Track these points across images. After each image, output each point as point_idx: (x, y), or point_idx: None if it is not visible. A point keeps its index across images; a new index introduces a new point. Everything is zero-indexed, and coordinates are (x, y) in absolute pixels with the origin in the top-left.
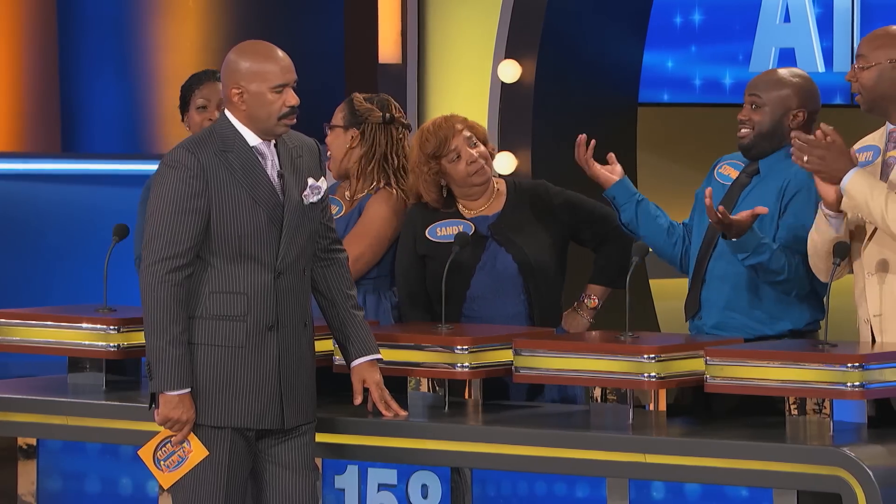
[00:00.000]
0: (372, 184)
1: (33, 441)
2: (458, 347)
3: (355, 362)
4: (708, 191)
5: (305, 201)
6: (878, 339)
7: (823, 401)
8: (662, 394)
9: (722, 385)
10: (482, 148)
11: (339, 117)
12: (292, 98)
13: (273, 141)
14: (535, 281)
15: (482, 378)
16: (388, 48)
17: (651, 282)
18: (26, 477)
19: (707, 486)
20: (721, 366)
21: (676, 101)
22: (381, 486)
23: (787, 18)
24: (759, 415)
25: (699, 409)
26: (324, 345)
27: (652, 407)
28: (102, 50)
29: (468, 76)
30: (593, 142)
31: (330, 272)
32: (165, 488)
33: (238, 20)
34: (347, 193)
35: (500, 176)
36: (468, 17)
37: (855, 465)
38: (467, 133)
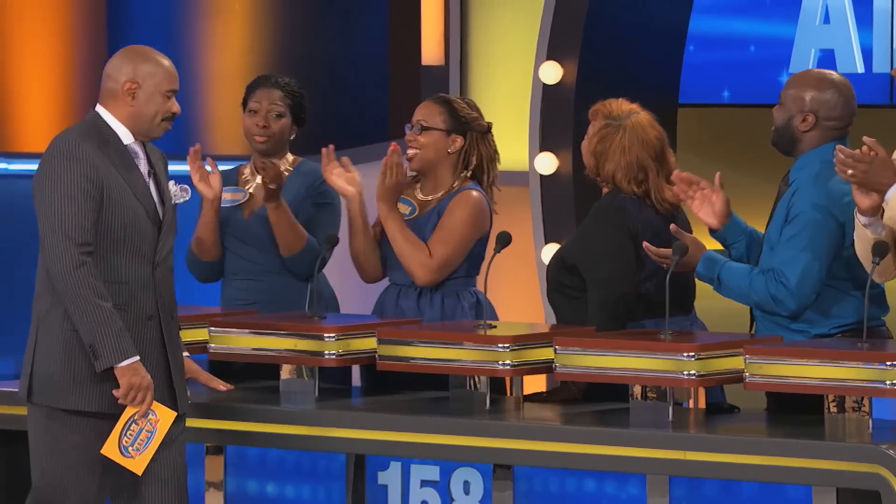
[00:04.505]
0: (452, 185)
1: None
2: (500, 345)
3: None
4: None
5: (174, 200)
6: None
7: (862, 398)
8: (702, 392)
9: (761, 383)
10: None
11: (437, 120)
12: (176, 106)
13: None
14: None
15: (523, 375)
16: (431, 50)
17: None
18: None
19: (746, 484)
20: (760, 364)
21: (736, 101)
22: (424, 483)
23: (826, 19)
24: (798, 413)
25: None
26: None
27: (692, 404)
28: None
29: (510, 78)
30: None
31: None
32: (140, 474)
33: (283, 22)
34: (420, 195)
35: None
36: (510, 19)
37: (894, 463)
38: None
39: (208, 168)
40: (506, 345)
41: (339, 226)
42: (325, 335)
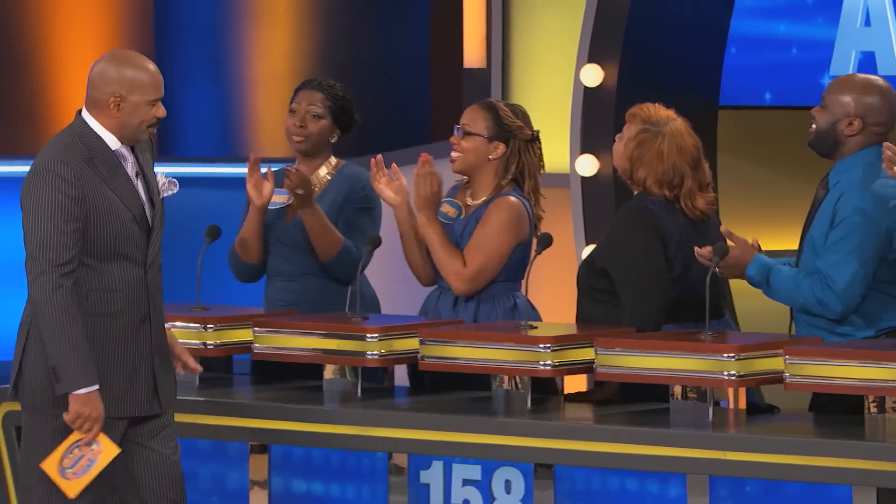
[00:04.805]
0: (492, 191)
1: None
2: (541, 346)
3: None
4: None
5: (162, 193)
6: None
7: None
8: (742, 392)
9: (801, 384)
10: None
11: (480, 126)
12: (162, 110)
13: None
14: None
15: (564, 376)
16: (473, 53)
17: (731, 280)
18: None
19: (789, 483)
20: (800, 364)
21: (778, 103)
22: (466, 482)
23: (867, 22)
24: (838, 413)
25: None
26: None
27: (732, 405)
28: (197, 55)
29: (551, 80)
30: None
31: None
32: (71, 497)
33: (326, 25)
34: (470, 199)
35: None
36: (552, 22)
37: None
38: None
39: (264, 174)
40: (547, 345)
41: (380, 229)
42: (368, 335)
